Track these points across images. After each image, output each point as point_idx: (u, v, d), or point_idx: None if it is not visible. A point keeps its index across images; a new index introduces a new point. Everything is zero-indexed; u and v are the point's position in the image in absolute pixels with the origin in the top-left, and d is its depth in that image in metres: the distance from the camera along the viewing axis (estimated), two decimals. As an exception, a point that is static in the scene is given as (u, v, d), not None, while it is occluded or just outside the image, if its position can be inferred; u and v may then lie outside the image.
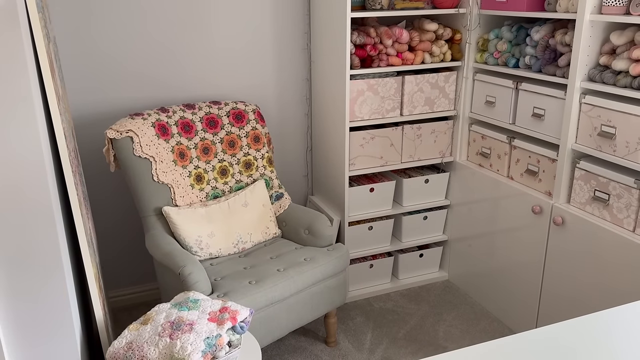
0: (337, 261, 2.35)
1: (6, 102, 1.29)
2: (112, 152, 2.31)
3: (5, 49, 1.26)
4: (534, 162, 2.43)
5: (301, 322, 2.29)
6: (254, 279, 2.16)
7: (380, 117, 2.72)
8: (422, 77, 2.74)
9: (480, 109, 2.73)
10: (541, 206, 2.34)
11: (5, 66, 1.27)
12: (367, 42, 2.58)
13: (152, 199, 2.35)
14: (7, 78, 1.28)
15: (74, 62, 2.49)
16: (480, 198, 2.74)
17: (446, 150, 2.93)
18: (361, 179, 2.88)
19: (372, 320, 2.74)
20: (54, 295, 1.47)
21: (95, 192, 2.68)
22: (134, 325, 1.64)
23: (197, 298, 1.76)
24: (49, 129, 1.58)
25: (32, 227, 1.39)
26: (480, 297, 2.85)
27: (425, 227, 3.01)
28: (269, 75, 2.86)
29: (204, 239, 2.34)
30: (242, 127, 2.62)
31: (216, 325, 1.63)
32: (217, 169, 2.55)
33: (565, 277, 2.26)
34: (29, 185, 1.36)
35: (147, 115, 2.41)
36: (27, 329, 1.47)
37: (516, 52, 2.48)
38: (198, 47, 2.69)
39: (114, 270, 2.83)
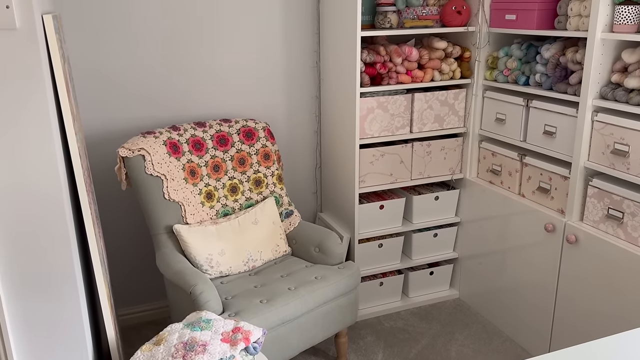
0: (348, 279, 2.34)
1: (23, 122, 1.30)
2: (124, 170, 2.32)
3: (23, 70, 1.27)
4: (546, 180, 2.42)
5: (312, 342, 2.27)
6: (265, 298, 2.14)
7: (390, 134, 2.72)
8: (432, 94, 2.74)
9: (490, 126, 2.73)
10: (554, 224, 2.32)
11: (24, 86, 1.28)
12: (377, 61, 2.59)
13: (163, 217, 2.35)
14: (25, 98, 1.29)
15: (85, 81, 2.51)
16: (491, 215, 2.72)
17: (456, 167, 2.92)
18: (371, 196, 2.87)
19: (383, 339, 2.71)
20: (68, 316, 1.46)
21: (105, 210, 2.68)
22: (147, 345, 1.63)
23: (209, 318, 1.75)
24: (64, 149, 1.59)
25: (48, 249, 1.39)
26: (492, 315, 2.82)
27: (436, 245, 2.99)
28: (278, 93, 2.88)
29: (215, 257, 2.33)
30: (252, 145, 2.62)
31: (229, 346, 1.62)
32: (227, 187, 2.55)
33: (579, 295, 2.24)
34: (45, 206, 1.36)
35: (159, 133, 2.41)
36: (42, 349, 1.46)
37: (526, 69, 2.48)
38: (208, 66, 2.70)
39: (122, 288, 2.81)
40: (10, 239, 1.34)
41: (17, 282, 1.38)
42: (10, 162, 1.30)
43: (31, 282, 1.40)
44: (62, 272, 1.41)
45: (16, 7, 1.22)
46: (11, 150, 1.29)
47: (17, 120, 1.29)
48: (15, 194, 1.33)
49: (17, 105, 1.28)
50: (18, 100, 1.28)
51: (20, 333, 1.42)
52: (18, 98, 1.28)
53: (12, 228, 1.34)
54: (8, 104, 1.28)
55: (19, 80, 1.26)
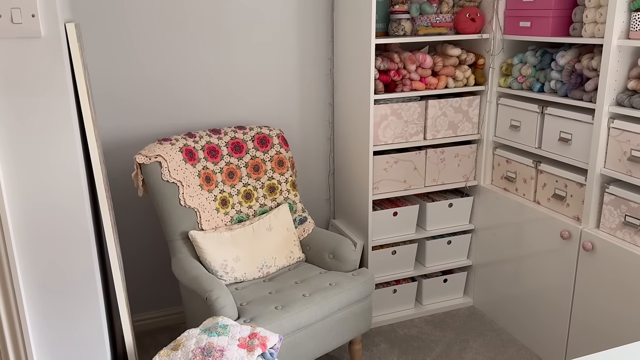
0: (363, 286, 2.33)
1: (47, 128, 1.32)
2: (141, 176, 2.34)
3: (48, 77, 1.29)
4: (562, 187, 2.41)
5: (327, 349, 2.27)
6: (280, 304, 2.15)
7: (403, 141, 2.72)
8: (446, 101, 2.75)
9: (504, 133, 2.72)
10: (570, 231, 2.30)
11: (48, 94, 1.30)
12: (391, 68, 2.60)
13: (179, 223, 2.36)
14: (49, 105, 1.31)
15: (102, 88, 2.54)
16: (506, 222, 2.71)
17: (470, 174, 2.92)
18: (384, 203, 2.87)
19: (397, 347, 2.70)
20: (88, 319, 1.47)
21: (120, 217, 2.71)
22: (165, 351, 1.64)
23: (226, 324, 1.75)
24: (84, 155, 1.61)
25: (69, 252, 1.40)
26: (507, 323, 2.80)
27: (449, 252, 2.98)
28: (292, 100, 2.89)
29: (230, 263, 2.34)
30: (266, 152, 2.64)
31: (246, 351, 1.62)
32: (241, 193, 2.56)
33: (596, 303, 2.22)
34: (67, 210, 1.38)
35: (175, 140, 2.44)
36: (62, 351, 1.47)
37: (541, 76, 2.48)
38: (223, 73, 2.73)
39: (137, 294, 2.83)
40: (33, 241, 1.37)
41: (39, 283, 1.40)
42: (34, 167, 1.32)
43: (52, 284, 1.41)
44: (83, 274, 1.43)
45: (41, 16, 1.25)
46: (35, 155, 1.32)
47: (41, 126, 1.31)
48: (39, 198, 1.35)
49: (42, 111, 1.31)
50: (42, 107, 1.30)
51: (40, 335, 1.43)
52: (42, 105, 1.30)
53: (35, 231, 1.36)
54: (32, 110, 1.30)
55: (43, 88, 1.29)
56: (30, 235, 1.36)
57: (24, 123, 1.29)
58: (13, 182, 1.30)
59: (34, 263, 1.38)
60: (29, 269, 1.37)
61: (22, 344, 1.39)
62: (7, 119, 1.27)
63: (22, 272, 1.37)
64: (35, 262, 1.38)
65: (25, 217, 1.34)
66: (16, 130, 1.29)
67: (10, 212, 1.32)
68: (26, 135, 1.30)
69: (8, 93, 1.26)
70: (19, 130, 1.29)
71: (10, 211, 1.32)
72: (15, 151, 1.30)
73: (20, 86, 1.27)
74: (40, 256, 1.38)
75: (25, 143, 1.31)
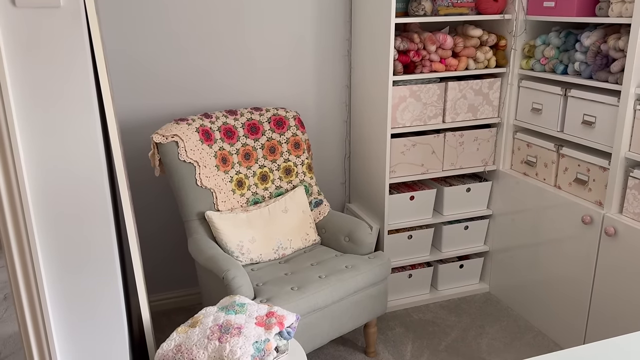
0: (379, 269, 2.32)
1: (66, 99, 1.31)
2: (158, 156, 2.33)
3: (67, 47, 1.28)
4: (584, 171, 2.36)
5: (342, 331, 2.26)
6: (296, 285, 2.14)
7: (422, 124, 2.68)
8: (466, 83, 2.70)
9: (525, 117, 2.67)
10: (592, 216, 2.26)
11: (67, 63, 1.29)
12: (411, 48, 2.55)
13: (195, 203, 2.36)
14: (68, 75, 1.30)
15: (120, 68, 2.53)
16: (525, 208, 2.67)
17: (489, 159, 2.87)
18: (401, 187, 2.84)
19: (412, 331, 2.69)
20: (107, 296, 1.47)
21: (137, 196, 2.71)
22: (182, 327, 1.63)
23: (243, 302, 1.75)
24: (103, 130, 1.60)
25: (88, 228, 1.40)
26: (524, 310, 2.77)
27: (466, 237, 2.95)
28: (309, 81, 2.86)
29: (245, 244, 2.33)
30: (282, 134, 2.61)
31: (264, 329, 1.61)
32: (257, 175, 2.55)
33: (617, 289, 2.17)
34: (86, 185, 1.37)
35: (192, 120, 2.42)
36: (81, 328, 1.48)
37: (564, 58, 2.42)
38: (240, 54, 2.70)
39: (153, 275, 2.84)
40: (53, 217, 1.36)
41: (58, 260, 1.40)
42: (54, 138, 1.31)
43: (72, 261, 1.41)
44: (102, 251, 1.42)
45: (61, -14, 1.23)
46: (54, 126, 1.31)
47: (60, 97, 1.30)
48: (57, 168, 1.34)
49: (60, 82, 1.29)
50: (61, 77, 1.29)
51: (59, 311, 1.44)
52: (61, 75, 1.29)
53: (55, 206, 1.36)
54: (51, 80, 1.29)
55: (62, 56, 1.27)
56: (50, 209, 1.35)
57: (42, 93, 1.28)
58: (32, 152, 1.29)
59: (54, 237, 1.37)
60: (49, 243, 1.37)
61: (42, 321, 1.39)
62: (26, 88, 1.26)
63: (42, 248, 1.37)
64: (55, 236, 1.38)
65: (44, 189, 1.33)
66: (34, 101, 1.28)
67: (29, 184, 1.31)
68: (45, 105, 1.29)
69: (28, 62, 1.25)
70: (38, 101, 1.28)
71: (29, 182, 1.31)
72: (35, 122, 1.29)
73: (40, 55, 1.25)
74: (60, 230, 1.38)
75: (44, 114, 1.30)
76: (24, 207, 1.30)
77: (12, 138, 1.23)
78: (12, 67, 1.23)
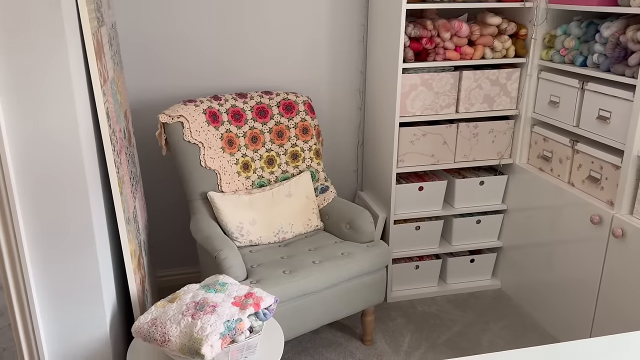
0: (376, 258, 2.30)
1: (45, 78, 1.37)
2: (164, 136, 2.39)
3: (46, 23, 1.33)
4: (597, 169, 2.25)
5: (335, 317, 2.27)
6: (289, 269, 2.16)
7: (433, 113, 2.63)
8: (482, 72, 2.61)
9: (543, 109, 2.57)
10: (601, 216, 2.16)
11: (46, 41, 1.34)
12: (423, 35, 2.49)
13: (199, 183, 2.41)
14: (48, 52, 1.35)
15: (132, 48, 2.60)
16: (539, 204, 2.57)
17: (505, 152, 2.78)
18: (411, 177, 2.80)
19: (413, 322, 2.66)
20: (85, 266, 1.54)
21: (150, 174, 2.79)
22: (162, 302, 1.69)
23: (225, 282, 1.78)
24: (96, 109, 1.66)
25: (66, 199, 1.46)
26: (534, 309, 2.68)
27: (479, 232, 2.88)
28: (323, 67, 2.85)
29: (245, 226, 2.37)
30: (291, 118, 2.62)
31: (239, 309, 1.64)
32: (264, 158, 2.57)
33: (623, 293, 2.07)
34: (65, 159, 1.43)
35: (200, 102, 2.47)
36: (59, 297, 1.55)
37: (584, 49, 2.30)
38: (254, 39, 2.72)
39: (164, 251, 2.93)
40: (32, 188, 1.43)
41: (39, 230, 1.47)
42: (33, 107, 1.37)
43: (51, 228, 1.48)
44: (80, 220, 1.48)
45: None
46: (33, 96, 1.37)
47: (39, 70, 1.36)
48: (38, 145, 1.40)
49: (41, 58, 1.35)
50: (40, 50, 1.34)
51: (41, 282, 1.51)
52: (41, 48, 1.34)
53: (34, 177, 1.43)
54: (32, 57, 1.35)
55: (41, 31, 1.32)
56: (30, 181, 1.42)
57: (23, 64, 1.34)
58: (12, 122, 1.36)
59: (33, 208, 1.44)
60: (29, 214, 1.44)
61: (24, 288, 1.47)
62: (7, 60, 1.32)
63: (23, 218, 1.44)
64: (35, 206, 1.45)
65: (24, 158, 1.40)
66: (16, 73, 1.34)
67: (10, 152, 1.39)
68: (25, 77, 1.35)
69: (8, 33, 1.31)
70: (19, 73, 1.35)
71: (10, 151, 1.38)
72: (16, 93, 1.35)
73: (20, 27, 1.31)
74: (40, 202, 1.44)
75: (24, 86, 1.36)
76: (5, 174, 1.37)
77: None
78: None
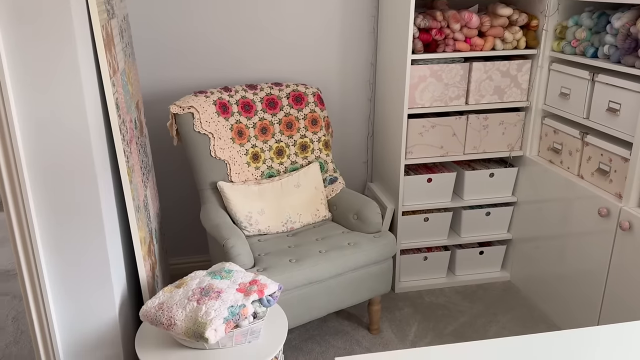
0: (382, 248, 2.32)
1: (54, 68, 1.41)
2: (175, 126, 2.44)
3: (55, 19, 1.37)
4: (606, 161, 2.23)
5: (341, 305, 2.30)
6: (295, 258, 2.19)
7: (442, 105, 2.63)
8: (492, 64, 2.60)
9: (554, 101, 2.55)
10: (608, 208, 2.14)
11: (55, 29, 1.39)
12: (433, 26, 2.49)
13: (209, 173, 2.45)
14: (56, 47, 1.40)
15: (148, 42, 2.64)
16: (549, 197, 2.56)
17: (515, 144, 2.77)
18: (420, 169, 2.81)
19: (420, 313, 2.68)
20: (94, 251, 1.59)
21: (165, 165, 2.84)
22: (169, 287, 1.74)
23: (231, 269, 1.82)
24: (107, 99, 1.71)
25: (75, 184, 1.51)
26: (543, 302, 2.68)
27: (488, 224, 2.88)
28: (333, 58, 2.86)
29: (254, 216, 2.41)
30: (300, 110, 2.65)
31: (243, 295, 1.69)
32: (273, 149, 2.61)
33: (630, 286, 2.06)
34: (74, 145, 1.48)
35: (210, 93, 2.51)
36: (70, 281, 1.61)
37: (595, 40, 2.28)
38: (265, 30, 2.75)
39: (177, 239, 3.00)
40: (42, 174, 1.49)
41: (50, 216, 1.52)
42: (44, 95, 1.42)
43: (62, 218, 1.54)
44: (89, 208, 1.54)
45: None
46: (44, 84, 1.42)
47: (49, 56, 1.40)
48: (48, 132, 1.46)
49: (50, 48, 1.40)
50: (50, 39, 1.39)
51: (52, 266, 1.57)
52: (50, 42, 1.39)
53: (45, 164, 1.48)
54: (41, 47, 1.39)
55: (51, 24, 1.37)
56: (40, 166, 1.47)
57: (33, 52, 1.39)
58: (24, 107, 1.42)
59: (45, 194, 1.50)
60: (41, 195, 1.50)
61: (35, 271, 1.53)
62: (18, 48, 1.38)
63: (34, 203, 1.50)
64: (46, 193, 1.50)
65: (36, 150, 1.45)
66: (26, 61, 1.39)
67: (22, 138, 1.44)
68: (36, 64, 1.40)
69: (19, 21, 1.35)
70: (29, 60, 1.39)
71: (21, 137, 1.44)
72: (26, 80, 1.40)
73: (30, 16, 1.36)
74: (50, 185, 1.50)
75: (35, 74, 1.41)
76: (17, 160, 1.42)
77: (4, 95, 1.36)
78: (3, 26, 1.35)
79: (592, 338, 1.17)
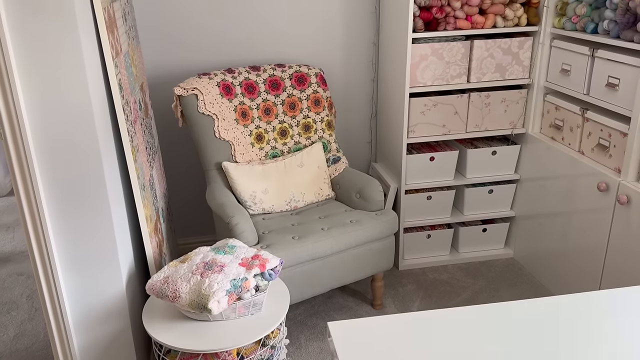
0: (384, 226, 2.37)
1: (57, 48, 1.46)
2: (180, 108, 2.49)
3: (56, 1, 1.42)
4: (606, 136, 2.24)
5: (344, 281, 2.35)
6: (298, 235, 2.25)
7: (444, 83, 2.64)
8: (493, 41, 2.61)
9: (555, 78, 2.55)
10: (607, 183, 2.16)
11: (57, 17, 1.43)
12: (433, 4, 2.50)
13: (214, 154, 2.50)
14: (58, 28, 1.45)
15: (152, 25, 2.68)
16: (551, 174, 2.58)
17: (517, 121, 2.78)
18: (423, 147, 2.83)
19: (423, 289, 2.73)
20: (100, 227, 1.66)
21: (172, 146, 2.90)
22: (174, 262, 1.80)
23: (234, 245, 1.88)
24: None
25: (80, 161, 1.57)
26: (545, 277, 2.71)
27: (491, 201, 2.90)
28: (336, 39, 2.88)
29: (258, 195, 2.46)
30: (303, 90, 2.68)
31: (245, 269, 1.74)
32: (277, 130, 2.65)
33: (629, 260, 2.09)
34: (78, 123, 1.54)
35: (214, 75, 2.55)
36: (78, 256, 1.68)
37: (595, 16, 2.27)
38: (267, 12, 2.77)
39: (185, 219, 3.06)
40: (49, 152, 1.54)
41: (57, 193, 1.59)
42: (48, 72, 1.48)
43: (69, 194, 1.60)
44: (95, 185, 1.59)
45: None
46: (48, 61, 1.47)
47: (54, 44, 1.45)
48: (54, 110, 1.51)
49: (53, 30, 1.44)
50: (53, 26, 1.44)
51: (61, 241, 1.64)
52: (53, 23, 1.44)
53: (51, 142, 1.54)
54: (44, 29, 1.44)
55: (53, 5, 1.42)
56: (47, 143, 1.53)
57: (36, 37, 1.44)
58: (29, 85, 1.47)
59: (53, 172, 1.56)
60: (48, 178, 1.56)
61: (44, 243, 1.60)
62: (22, 32, 1.42)
63: (42, 180, 1.56)
64: (53, 170, 1.56)
65: (42, 128, 1.51)
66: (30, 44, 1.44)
67: (29, 122, 1.50)
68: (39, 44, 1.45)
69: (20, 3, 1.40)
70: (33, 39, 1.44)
71: (28, 121, 1.49)
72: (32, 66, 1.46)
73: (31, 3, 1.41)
74: (57, 161, 1.56)
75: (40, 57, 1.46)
76: (24, 139, 1.48)
77: (9, 72, 1.41)
78: (6, 8, 1.40)
79: (592, 302, 1.21)
